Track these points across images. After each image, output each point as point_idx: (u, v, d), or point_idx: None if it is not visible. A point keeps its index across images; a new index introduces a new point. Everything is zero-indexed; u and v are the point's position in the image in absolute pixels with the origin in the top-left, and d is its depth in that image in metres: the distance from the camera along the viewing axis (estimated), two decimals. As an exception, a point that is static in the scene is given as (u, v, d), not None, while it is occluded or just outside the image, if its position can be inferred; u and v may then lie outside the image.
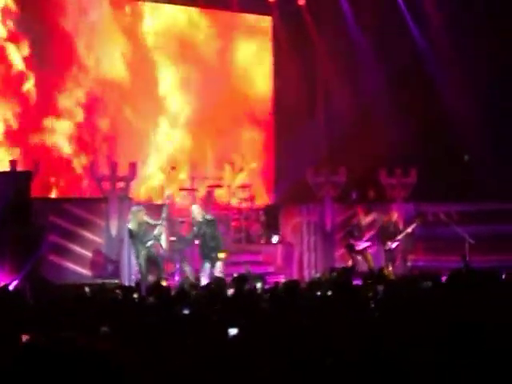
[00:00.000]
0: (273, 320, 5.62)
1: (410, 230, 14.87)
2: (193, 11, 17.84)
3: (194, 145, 17.67)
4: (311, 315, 5.80)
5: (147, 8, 17.49)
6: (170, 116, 17.55)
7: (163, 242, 13.30)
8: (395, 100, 17.16)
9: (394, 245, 14.57)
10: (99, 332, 5.67)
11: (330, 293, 7.95)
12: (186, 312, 6.08)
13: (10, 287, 10.30)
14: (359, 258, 14.57)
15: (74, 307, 6.81)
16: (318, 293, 8.16)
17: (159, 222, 12.99)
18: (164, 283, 11.19)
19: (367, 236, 14.62)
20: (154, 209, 13.63)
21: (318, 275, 13.85)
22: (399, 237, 14.70)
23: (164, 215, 13.10)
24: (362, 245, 14.57)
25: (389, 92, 17.26)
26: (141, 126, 17.09)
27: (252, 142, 18.36)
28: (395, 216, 14.96)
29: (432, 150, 16.79)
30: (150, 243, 12.87)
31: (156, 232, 12.91)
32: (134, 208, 13.16)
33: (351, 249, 14.65)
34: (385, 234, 14.67)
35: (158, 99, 17.41)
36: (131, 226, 12.90)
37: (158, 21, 17.54)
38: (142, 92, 17.14)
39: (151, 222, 12.95)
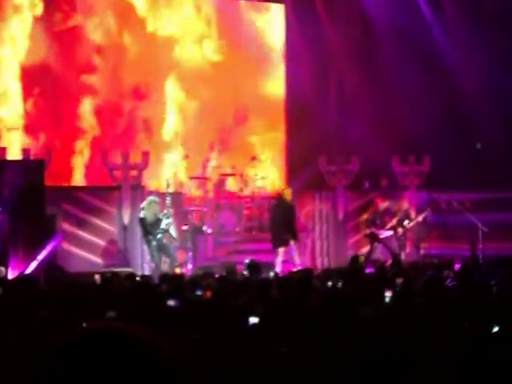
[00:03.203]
0: (286, 308, 5.61)
1: (420, 218, 14.83)
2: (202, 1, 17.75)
3: (207, 134, 17.62)
4: (322, 306, 5.78)
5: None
6: (181, 104, 17.48)
7: (173, 232, 13.30)
8: (408, 88, 17.06)
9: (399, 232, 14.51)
10: (106, 316, 5.70)
11: (340, 283, 7.83)
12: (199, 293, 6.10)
13: (27, 271, 10.37)
14: (379, 246, 14.51)
15: (86, 294, 6.82)
16: (329, 283, 8.10)
17: (165, 213, 12.96)
18: (178, 271, 11.23)
19: (389, 225, 14.53)
20: (163, 197, 13.60)
21: None
22: (410, 225, 14.66)
23: (168, 203, 13.09)
24: (384, 233, 14.51)
25: (402, 80, 17.15)
26: (151, 114, 17.03)
27: (265, 131, 18.30)
28: (406, 205, 14.91)
29: (445, 138, 16.71)
30: (159, 236, 12.89)
31: (163, 226, 12.89)
32: (151, 197, 13.16)
33: (373, 237, 14.58)
34: (397, 222, 14.65)
35: (168, 88, 17.34)
36: (145, 215, 12.91)
37: (166, 14, 17.44)
38: (150, 79, 17.08)
39: (159, 215, 12.94)
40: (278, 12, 18.50)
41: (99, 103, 16.27)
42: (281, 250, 13.56)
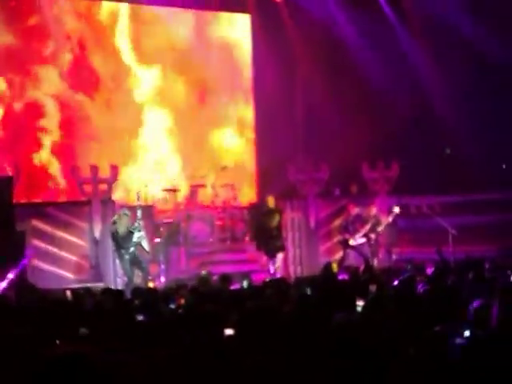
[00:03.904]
0: (260, 318, 5.61)
1: (390, 219, 14.88)
2: (169, 11, 17.75)
3: (175, 144, 17.63)
4: (296, 314, 5.78)
5: (123, 8, 17.34)
6: (149, 116, 17.47)
7: (145, 245, 13.22)
8: (375, 93, 17.20)
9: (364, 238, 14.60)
10: (78, 333, 5.66)
11: (309, 291, 7.77)
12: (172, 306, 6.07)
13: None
14: (352, 253, 14.57)
15: (58, 311, 6.77)
16: (303, 291, 8.08)
17: (136, 226, 12.86)
18: (151, 285, 11.17)
19: (362, 231, 14.57)
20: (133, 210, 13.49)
21: None
22: (381, 228, 14.71)
23: (139, 215, 13.02)
24: (357, 240, 14.55)
25: (369, 86, 17.29)
26: (118, 125, 16.97)
27: (233, 140, 18.34)
28: (374, 210, 14.97)
29: (414, 143, 16.87)
30: (132, 249, 12.81)
31: (135, 239, 12.79)
32: (121, 211, 13.06)
33: (346, 244, 14.64)
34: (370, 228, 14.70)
35: (136, 99, 17.32)
36: (116, 229, 12.81)
37: (135, 21, 17.42)
38: (121, 91, 17.06)
39: (130, 228, 12.85)
40: (244, 22, 18.59)
41: (63, 110, 16.24)
42: (273, 257, 13.75)
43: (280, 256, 13.92)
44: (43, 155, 16.06)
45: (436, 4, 16.99)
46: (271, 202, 14.10)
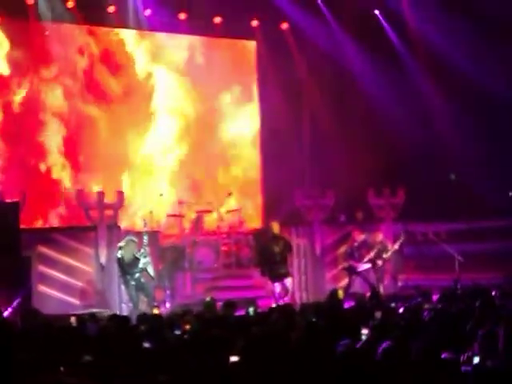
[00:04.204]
0: (266, 345, 5.59)
1: (397, 246, 14.88)
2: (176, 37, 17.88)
3: (180, 170, 17.68)
4: (302, 342, 5.75)
5: (132, 35, 17.47)
6: (157, 141, 17.55)
7: (151, 270, 13.24)
8: (380, 121, 17.24)
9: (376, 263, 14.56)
10: (83, 360, 5.64)
11: (314, 319, 7.72)
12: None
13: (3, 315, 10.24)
14: (358, 279, 14.55)
15: (62, 337, 6.75)
16: (309, 318, 8.05)
17: (142, 252, 12.88)
18: (156, 311, 11.14)
19: (367, 257, 14.55)
20: (139, 236, 13.49)
21: None
22: (387, 255, 14.70)
23: (145, 241, 13.04)
24: (362, 266, 14.53)
25: (375, 113, 17.35)
26: (125, 144, 17.03)
27: (239, 166, 18.38)
28: (380, 236, 14.95)
29: (419, 170, 16.87)
30: (137, 275, 12.82)
31: (141, 265, 12.83)
32: (128, 237, 13.08)
33: (351, 270, 14.62)
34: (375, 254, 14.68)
35: (144, 121, 17.40)
36: (122, 254, 12.83)
37: (143, 47, 17.56)
38: (129, 108, 17.15)
39: (136, 254, 12.87)
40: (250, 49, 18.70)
41: (68, 135, 16.31)
42: (277, 283, 13.64)
43: (289, 281, 13.79)
44: (48, 172, 16.11)
45: (441, 37, 17.06)
46: (276, 227, 14.09)
